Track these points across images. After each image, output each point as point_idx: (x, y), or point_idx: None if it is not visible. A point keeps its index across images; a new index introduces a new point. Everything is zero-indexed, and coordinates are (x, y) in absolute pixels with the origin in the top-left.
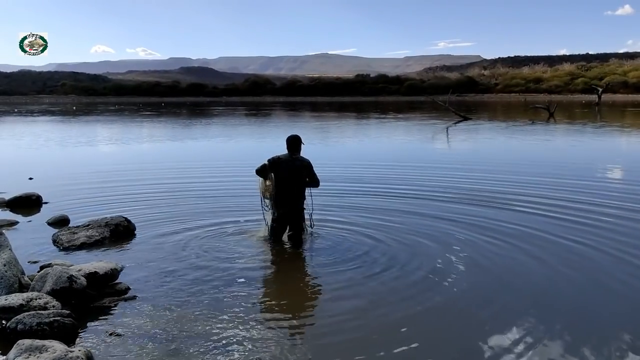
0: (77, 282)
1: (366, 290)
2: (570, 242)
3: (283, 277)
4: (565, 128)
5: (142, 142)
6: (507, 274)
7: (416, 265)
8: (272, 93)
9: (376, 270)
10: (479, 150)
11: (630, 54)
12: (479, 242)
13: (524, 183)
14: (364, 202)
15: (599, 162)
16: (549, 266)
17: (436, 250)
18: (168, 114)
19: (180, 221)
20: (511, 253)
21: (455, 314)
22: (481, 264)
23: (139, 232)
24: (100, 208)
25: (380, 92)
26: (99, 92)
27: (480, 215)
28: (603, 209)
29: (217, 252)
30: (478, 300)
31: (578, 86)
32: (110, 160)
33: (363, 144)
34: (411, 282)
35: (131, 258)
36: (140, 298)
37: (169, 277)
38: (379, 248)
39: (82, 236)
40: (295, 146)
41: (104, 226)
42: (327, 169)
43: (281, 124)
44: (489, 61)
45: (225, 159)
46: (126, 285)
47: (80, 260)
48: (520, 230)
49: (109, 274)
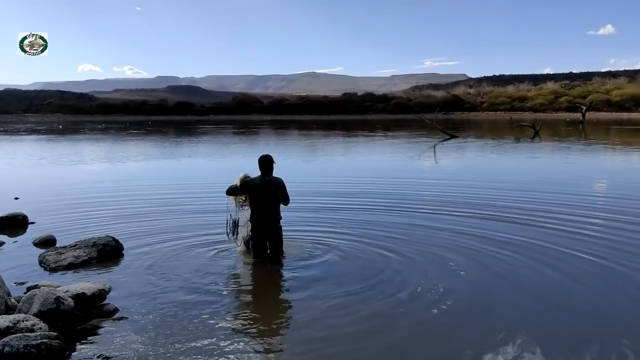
0: (65, 303)
1: (364, 308)
2: (579, 253)
3: (271, 294)
4: (552, 145)
5: (128, 160)
6: (500, 284)
7: (406, 274)
8: (259, 111)
9: (368, 285)
10: (469, 166)
11: (613, 72)
12: (465, 248)
13: (517, 197)
14: (351, 216)
15: (587, 177)
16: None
17: (426, 264)
18: (155, 133)
19: (168, 240)
20: (497, 264)
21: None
22: (456, 270)
23: (127, 252)
24: (87, 227)
25: (368, 111)
26: (86, 111)
27: (475, 226)
28: (591, 219)
29: (206, 271)
30: (463, 314)
31: (562, 104)
32: (96, 179)
33: (355, 161)
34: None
35: (119, 278)
36: (129, 319)
37: (157, 298)
38: (373, 262)
39: (69, 256)
40: (267, 167)
41: (92, 246)
42: (318, 184)
43: (271, 141)
44: (475, 80)
45: (213, 176)
46: (114, 306)
47: (68, 281)
48: (517, 242)
49: (97, 294)
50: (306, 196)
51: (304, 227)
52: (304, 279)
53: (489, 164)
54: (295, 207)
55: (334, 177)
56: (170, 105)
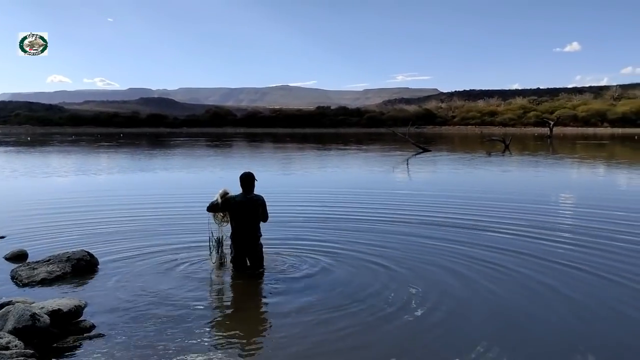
0: (41, 320)
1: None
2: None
3: (251, 309)
4: (523, 159)
5: (100, 173)
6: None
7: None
8: (233, 124)
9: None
10: (441, 180)
11: (579, 88)
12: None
13: (492, 208)
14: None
15: (559, 189)
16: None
17: (411, 276)
18: (127, 145)
19: (144, 253)
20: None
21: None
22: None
23: (102, 266)
24: (61, 241)
25: (341, 124)
26: (55, 122)
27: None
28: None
29: (183, 285)
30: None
31: (530, 119)
32: (68, 191)
33: (333, 174)
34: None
35: (95, 294)
36: (106, 336)
37: (134, 313)
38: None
39: (42, 272)
40: (249, 185)
41: (65, 261)
42: (297, 197)
43: (246, 154)
44: (446, 94)
45: (188, 188)
46: (91, 323)
47: (42, 297)
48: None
49: (73, 311)
50: (284, 210)
51: (284, 241)
52: (282, 293)
53: (464, 177)
54: (275, 221)
55: (311, 189)
56: (142, 118)
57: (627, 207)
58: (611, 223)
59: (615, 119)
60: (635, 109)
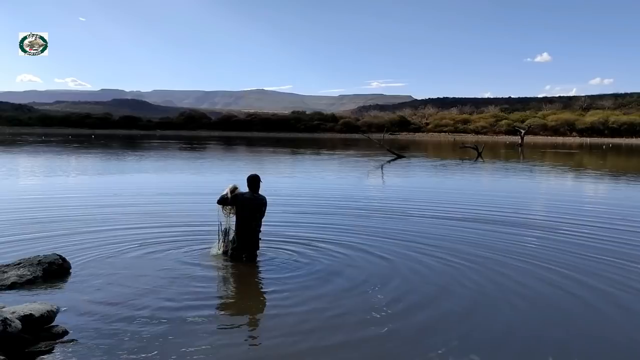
0: (12, 325)
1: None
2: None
3: (221, 308)
4: (496, 166)
5: (72, 174)
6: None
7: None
8: (207, 127)
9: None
10: (415, 184)
11: (549, 98)
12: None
13: (469, 208)
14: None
15: (535, 194)
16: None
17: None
18: (99, 147)
19: (116, 254)
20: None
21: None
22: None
23: (74, 269)
24: (29, 244)
25: (316, 129)
26: (24, 123)
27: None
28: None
29: (156, 286)
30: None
31: (502, 127)
32: (39, 193)
33: (308, 179)
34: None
35: (68, 298)
36: (79, 341)
37: (108, 317)
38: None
39: (12, 275)
40: (255, 185)
41: (37, 264)
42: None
43: (225, 158)
44: (420, 101)
45: (159, 189)
46: (63, 328)
47: (12, 302)
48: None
49: (45, 316)
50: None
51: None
52: (259, 290)
53: (437, 181)
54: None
55: (293, 192)
56: (115, 119)
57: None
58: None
59: (583, 128)
60: (603, 119)
